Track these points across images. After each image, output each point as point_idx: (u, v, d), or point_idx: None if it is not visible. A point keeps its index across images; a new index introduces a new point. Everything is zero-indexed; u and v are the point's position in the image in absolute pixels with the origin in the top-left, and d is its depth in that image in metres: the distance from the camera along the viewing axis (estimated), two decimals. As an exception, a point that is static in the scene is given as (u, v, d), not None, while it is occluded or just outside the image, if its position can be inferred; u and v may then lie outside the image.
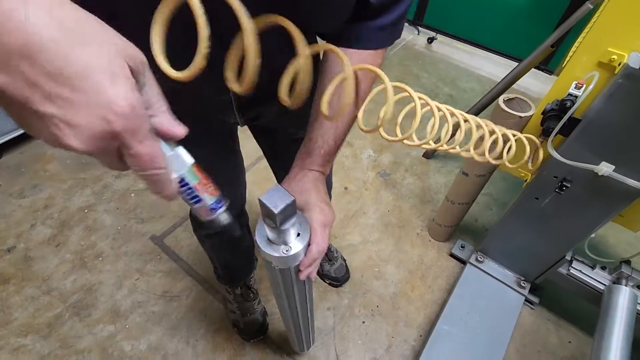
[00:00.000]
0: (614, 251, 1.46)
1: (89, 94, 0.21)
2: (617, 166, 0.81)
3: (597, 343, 0.92)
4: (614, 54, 0.77)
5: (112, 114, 0.22)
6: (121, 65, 0.23)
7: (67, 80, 0.20)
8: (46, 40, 0.19)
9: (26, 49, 0.19)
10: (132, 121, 0.23)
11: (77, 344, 1.12)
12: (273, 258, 0.47)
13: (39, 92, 0.20)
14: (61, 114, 0.21)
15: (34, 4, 0.19)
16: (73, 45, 0.20)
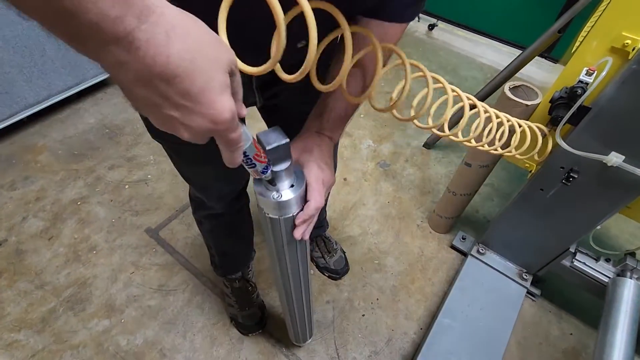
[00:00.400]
0: (616, 242, 1.45)
1: (204, 106, 0.28)
2: (627, 157, 0.78)
3: (602, 337, 0.91)
4: (628, 39, 0.73)
5: (218, 121, 0.30)
6: (226, 80, 0.29)
7: (190, 97, 0.27)
8: (180, 69, 0.26)
9: (165, 74, 0.25)
10: (230, 123, 0.31)
11: (71, 338, 1.10)
12: (264, 202, 0.50)
13: (168, 102, 0.28)
14: (182, 118, 0.29)
15: (176, 40, 0.25)
16: (197, 72, 0.27)
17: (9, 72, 1.47)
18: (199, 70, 0.27)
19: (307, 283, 0.75)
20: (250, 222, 1.06)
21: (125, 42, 0.23)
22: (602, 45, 0.78)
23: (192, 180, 0.83)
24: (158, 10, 0.24)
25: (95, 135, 1.69)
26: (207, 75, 0.27)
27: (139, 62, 0.24)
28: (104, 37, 0.23)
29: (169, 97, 0.27)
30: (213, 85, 0.28)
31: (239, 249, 1.11)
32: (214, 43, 0.28)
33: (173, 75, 0.26)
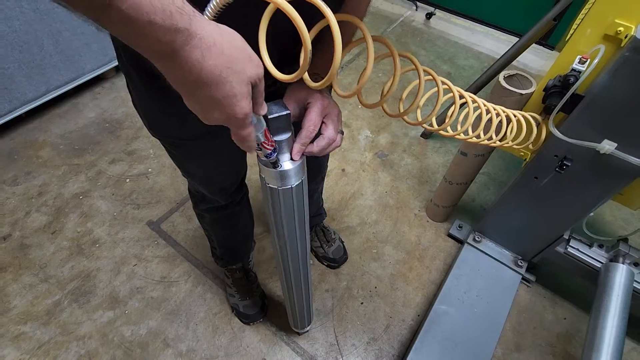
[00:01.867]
0: (610, 229, 1.46)
1: (227, 108, 0.36)
2: (619, 144, 0.80)
3: (594, 320, 0.93)
4: (621, 26, 0.74)
5: (233, 118, 0.37)
6: (248, 90, 0.36)
7: (213, 100, 0.35)
8: (209, 80, 0.33)
9: (197, 82, 0.33)
10: (241, 122, 0.38)
11: (77, 330, 1.13)
12: (265, 172, 0.53)
13: (196, 99, 0.36)
14: (203, 112, 0.37)
15: (210, 59, 0.32)
16: (222, 83, 0.34)
17: (8, 68, 1.47)
18: (224, 82, 0.34)
19: (306, 259, 0.76)
20: (251, 212, 1.07)
21: (170, 57, 0.31)
22: (596, 33, 0.78)
23: (193, 175, 0.84)
24: (198, 36, 0.31)
25: (96, 130, 1.70)
26: (231, 85, 0.34)
27: (180, 70, 0.32)
28: (155, 53, 0.31)
29: (198, 96, 0.35)
30: (234, 94, 0.35)
31: (240, 240, 1.12)
32: (243, 60, 0.35)
33: (203, 83, 0.33)
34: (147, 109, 0.65)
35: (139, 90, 0.62)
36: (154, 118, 0.66)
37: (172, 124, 0.65)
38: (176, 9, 0.29)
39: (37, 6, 1.45)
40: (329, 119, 0.54)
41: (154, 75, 0.55)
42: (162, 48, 0.30)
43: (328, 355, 1.12)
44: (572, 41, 0.82)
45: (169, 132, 0.68)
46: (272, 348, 1.12)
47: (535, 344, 1.16)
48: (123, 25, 0.27)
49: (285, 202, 0.58)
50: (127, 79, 0.62)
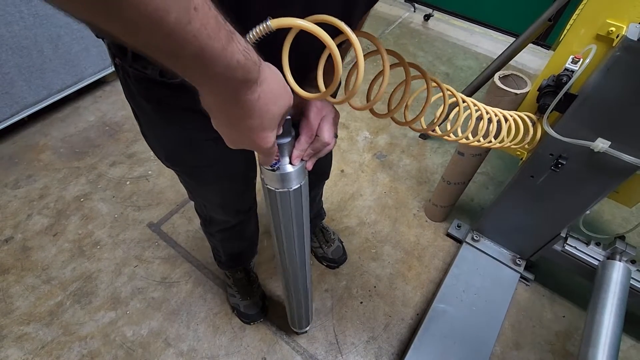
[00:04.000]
0: (608, 227, 1.47)
1: (258, 140, 0.39)
2: (613, 142, 0.81)
3: (590, 317, 0.94)
4: (613, 26, 0.75)
5: (260, 149, 0.41)
6: (279, 121, 0.39)
7: (250, 129, 0.38)
8: (256, 114, 0.36)
9: (246, 117, 0.36)
10: (268, 150, 0.42)
11: (79, 330, 1.14)
12: (265, 173, 0.55)
13: (234, 126, 0.38)
14: (237, 140, 0.41)
15: (262, 98, 0.35)
16: (264, 117, 0.37)
17: (8, 73, 1.49)
18: (265, 116, 0.37)
19: (305, 262, 0.77)
20: (257, 221, 1.08)
21: (230, 97, 0.34)
22: (588, 33, 0.79)
23: (209, 200, 0.84)
24: (258, 85, 0.34)
25: (96, 133, 1.72)
26: (269, 118, 0.37)
27: (233, 106, 0.35)
28: (217, 94, 0.34)
29: (238, 126, 0.37)
30: (269, 125, 0.38)
31: (246, 247, 1.14)
32: (283, 95, 0.38)
33: (248, 117, 0.36)
34: (162, 141, 0.65)
35: (153, 122, 0.62)
36: (170, 149, 0.66)
37: (189, 152, 0.65)
38: (252, 61, 0.31)
39: (36, 11, 1.46)
40: (325, 122, 0.54)
41: (168, 106, 0.56)
42: (227, 92, 0.32)
43: (328, 354, 1.12)
44: (565, 41, 0.83)
45: (185, 161, 0.68)
46: (272, 347, 1.13)
47: (534, 342, 1.17)
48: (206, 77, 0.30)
49: (283, 204, 0.58)
50: (136, 111, 0.62)
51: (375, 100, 0.46)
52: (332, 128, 0.55)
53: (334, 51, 0.36)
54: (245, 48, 0.30)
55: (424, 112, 0.59)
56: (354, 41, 0.37)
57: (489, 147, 0.87)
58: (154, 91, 0.54)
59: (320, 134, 0.53)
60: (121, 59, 0.50)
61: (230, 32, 0.28)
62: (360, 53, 0.37)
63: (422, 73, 0.54)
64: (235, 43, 0.28)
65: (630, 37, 0.68)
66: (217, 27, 0.26)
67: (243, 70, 0.30)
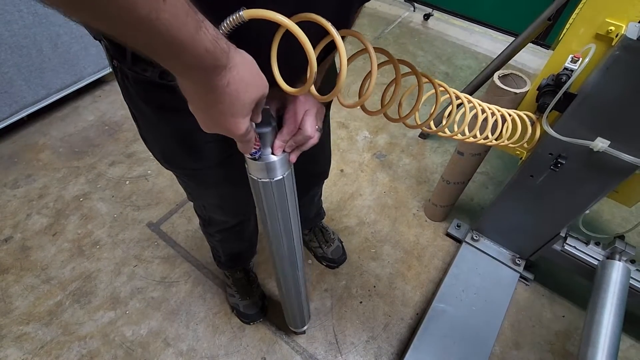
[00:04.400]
0: (608, 227, 1.47)
1: (228, 124, 0.40)
2: (612, 141, 0.80)
3: (590, 317, 0.94)
4: (612, 25, 0.75)
5: (234, 134, 0.42)
6: (251, 108, 0.40)
7: (223, 115, 0.38)
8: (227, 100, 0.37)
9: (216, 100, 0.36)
10: (241, 137, 0.43)
11: (78, 330, 1.14)
12: (250, 163, 0.55)
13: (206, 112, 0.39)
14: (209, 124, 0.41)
15: (233, 84, 0.35)
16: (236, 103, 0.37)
17: (7, 72, 1.48)
18: (237, 103, 0.37)
19: (295, 256, 0.76)
20: (257, 223, 1.08)
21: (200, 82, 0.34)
22: (588, 32, 0.79)
23: (209, 203, 0.84)
24: (228, 67, 0.34)
25: (95, 133, 1.71)
26: (241, 105, 0.38)
27: (203, 91, 0.36)
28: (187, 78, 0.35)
29: (209, 111, 0.38)
30: (240, 112, 0.39)
31: (246, 248, 1.14)
32: (255, 83, 0.38)
33: (218, 103, 0.37)
34: (161, 143, 0.65)
35: (152, 124, 0.61)
36: (170, 151, 0.66)
37: (189, 155, 0.65)
38: (220, 49, 0.32)
39: (35, 10, 1.46)
40: (308, 115, 0.54)
41: (167, 108, 0.56)
42: (198, 77, 0.34)
43: (327, 353, 1.12)
44: (564, 40, 0.83)
45: (185, 163, 0.68)
46: (272, 347, 1.13)
47: (533, 342, 1.17)
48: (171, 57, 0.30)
49: (266, 195, 0.59)
50: (135, 113, 0.62)
51: (365, 98, 0.47)
52: (314, 122, 0.55)
53: (306, 46, 0.37)
54: (214, 36, 0.31)
55: (417, 108, 0.59)
56: (338, 42, 0.37)
57: (485, 144, 0.86)
58: (153, 93, 0.54)
59: (303, 127, 0.53)
60: (120, 62, 0.50)
61: (199, 21, 0.29)
62: (343, 53, 0.38)
63: (412, 69, 0.54)
64: (204, 31, 0.29)
65: (629, 36, 0.68)
66: (186, 16, 0.27)
67: (212, 58, 0.31)
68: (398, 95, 0.52)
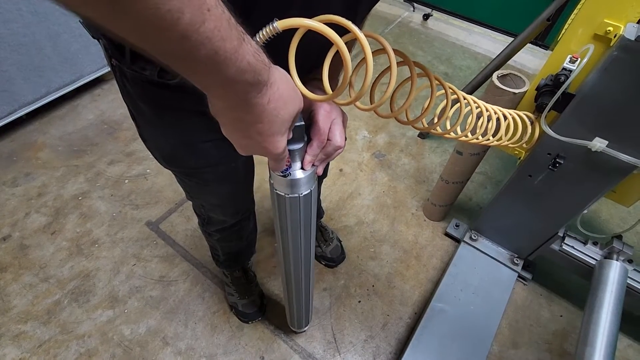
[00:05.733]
0: (606, 227, 1.48)
1: (269, 145, 0.38)
2: (610, 141, 0.81)
3: (587, 316, 0.94)
4: (610, 26, 0.75)
5: (272, 154, 0.41)
6: (289, 126, 0.39)
7: (262, 135, 0.37)
8: (266, 119, 0.35)
9: (256, 122, 0.35)
10: (278, 156, 0.41)
11: (77, 329, 1.14)
12: (275, 179, 0.54)
13: (246, 138, 0.38)
14: (246, 146, 0.40)
15: (272, 102, 0.34)
16: (275, 121, 0.36)
17: (7, 70, 1.48)
18: (275, 120, 0.36)
19: (309, 266, 0.76)
20: (255, 221, 1.08)
21: (240, 103, 0.33)
22: (587, 32, 0.79)
23: (207, 201, 0.84)
24: (268, 87, 0.33)
25: (94, 131, 1.71)
26: (281, 123, 0.37)
27: (242, 112, 0.34)
28: (227, 99, 0.33)
29: (249, 132, 0.37)
30: (280, 130, 0.37)
31: (244, 247, 1.13)
32: (293, 99, 0.37)
33: (258, 123, 0.35)
34: (161, 142, 0.65)
35: (151, 124, 0.61)
36: (168, 150, 0.65)
37: (188, 154, 0.64)
38: (262, 63, 0.30)
39: (35, 9, 1.46)
40: (336, 125, 0.52)
41: (166, 107, 0.55)
42: (237, 95, 0.32)
43: (326, 353, 1.13)
44: (563, 41, 0.83)
45: (184, 162, 0.68)
46: (270, 346, 1.13)
47: (531, 341, 1.17)
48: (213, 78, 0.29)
49: (292, 210, 0.57)
50: (134, 113, 0.61)
51: (382, 101, 0.45)
52: (343, 131, 0.53)
53: (343, 51, 0.35)
54: (255, 50, 0.29)
55: (428, 111, 0.59)
56: (363, 40, 0.36)
57: (487, 145, 0.87)
58: (152, 92, 0.53)
59: (332, 138, 0.52)
60: (119, 61, 0.50)
61: (242, 33, 0.28)
62: (369, 52, 0.36)
63: (426, 72, 0.53)
64: (246, 44, 0.28)
65: (627, 37, 0.68)
66: (229, 28, 0.26)
67: (254, 73, 0.30)
68: (412, 98, 0.52)
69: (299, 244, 0.66)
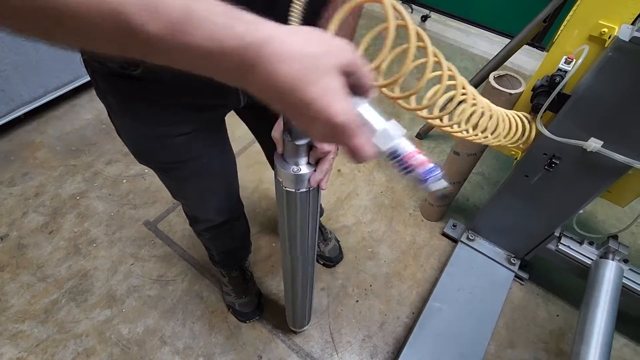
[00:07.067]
0: (602, 227, 1.49)
1: (319, 112, 0.29)
2: (605, 142, 0.81)
3: (583, 315, 0.95)
4: (605, 27, 0.76)
5: (333, 125, 0.30)
6: (338, 85, 0.30)
7: (305, 105, 0.29)
8: (288, 85, 0.28)
9: (279, 90, 0.28)
10: (346, 126, 0.30)
11: (74, 328, 1.13)
12: (282, 175, 0.53)
13: (293, 112, 0.30)
14: (305, 126, 0.32)
15: (283, 64, 0.27)
16: (306, 84, 0.28)
17: (4, 70, 1.48)
18: (308, 82, 0.28)
19: (314, 262, 0.77)
20: (246, 220, 1.08)
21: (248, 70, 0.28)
22: (582, 33, 0.80)
23: (188, 198, 0.84)
24: (265, 45, 0.27)
25: (92, 131, 1.71)
26: (318, 84, 0.28)
27: (260, 83, 0.29)
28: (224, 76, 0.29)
29: (290, 107, 0.30)
30: (325, 92, 0.29)
31: (238, 246, 1.14)
32: (323, 54, 0.29)
33: (282, 93, 0.28)
34: (132, 136, 0.64)
35: (121, 119, 0.61)
36: (140, 145, 0.65)
37: (160, 148, 0.64)
38: (245, 25, 0.26)
39: (34, 8, 1.46)
40: None
41: (134, 100, 0.55)
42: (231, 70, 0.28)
43: (324, 352, 1.13)
44: (558, 42, 0.84)
45: (156, 157, 0.67)
46: (268, 345, 1.13)
47: (528, 341, 1.18)
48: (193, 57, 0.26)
49: (301, 205, 0.58)
50: (107, 110, 0.62)
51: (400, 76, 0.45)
52: None
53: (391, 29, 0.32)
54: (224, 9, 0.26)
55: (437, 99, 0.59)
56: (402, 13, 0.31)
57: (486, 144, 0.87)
58: (119, 85, 0.53)
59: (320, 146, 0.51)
60: (86, 53, 0.49)
61: None
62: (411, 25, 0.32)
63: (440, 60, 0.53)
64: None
65: (622, 38, 0.69)
66: None
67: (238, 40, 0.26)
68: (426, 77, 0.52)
69: (306, 239, 0.67)
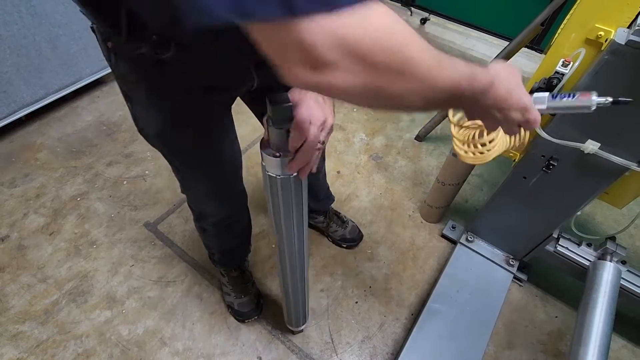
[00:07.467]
0: (601, 228, 1.49)
1: (519, 105, 0.47)
2: (602, 144, 0.82)
3: (581, 316, 0.95)
4: (601, 30, 0.77)
5: (525, 109, 0.48)
6: (524, 89, 0.49)
7: (512, 104, 0.47)
8: (504, 96, 0.46)
9: (500, 106, 0.47)
10: (532, 107, 0.49)
11: (74, 329, 1.14)
12: (266, 160, 0.55)
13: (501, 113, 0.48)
14: (504, 119, 0.49)
15: (500, 88, 0.45)
16: (513, 95, 0.46)
17: (6, 72, 1.49)
18: (511, 95, 0.46)
19: (303, 255, 0.77)
20: (249, 216, 1.09)
21: (490, 90, 0.44)
22: (578, 37, 0.81)
23: (197, 186, 0.86)
24: (491, 83, 0.43)
25: (93, 133, 1.72)
26: (517, 93, 0.47)
27: (495, 96, 0.45)
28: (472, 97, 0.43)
29: (508, 106, 0.46)
30: (525, 94, 0.48)
31: (239, 244, 1.14)
32: (514, 75, 0.47)
33: (504, 99, 0.46)
34: (150, 121, 0.67)
35: (143, 103, 0.64)
36: (156, 129, 0.68)
37: (176, 132, 0.68)
38: (487, 70, 0.43)
39: (35, 11, 1.47)
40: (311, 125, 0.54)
41: (157, 84, 0.58)
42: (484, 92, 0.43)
43: (323, 353, 1.13)
44: (556, 45, 0.85)
45: (173, 140, 0.71)
46: (267, 346, 1.13)
47: (526, 342, 1.18)
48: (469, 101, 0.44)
49: (284, 191, 0.59)
50: (128, 93, 0.64)
51: None
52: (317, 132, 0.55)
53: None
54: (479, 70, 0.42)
55: None
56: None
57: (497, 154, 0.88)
58: (145, 70, 0.56)
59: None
60: (114, 42, 0.52)
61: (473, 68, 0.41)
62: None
63: None
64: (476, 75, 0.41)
65: (618, 41, 0.70)
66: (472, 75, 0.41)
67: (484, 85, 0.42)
68: None
69: (291, 226, 0.68)
